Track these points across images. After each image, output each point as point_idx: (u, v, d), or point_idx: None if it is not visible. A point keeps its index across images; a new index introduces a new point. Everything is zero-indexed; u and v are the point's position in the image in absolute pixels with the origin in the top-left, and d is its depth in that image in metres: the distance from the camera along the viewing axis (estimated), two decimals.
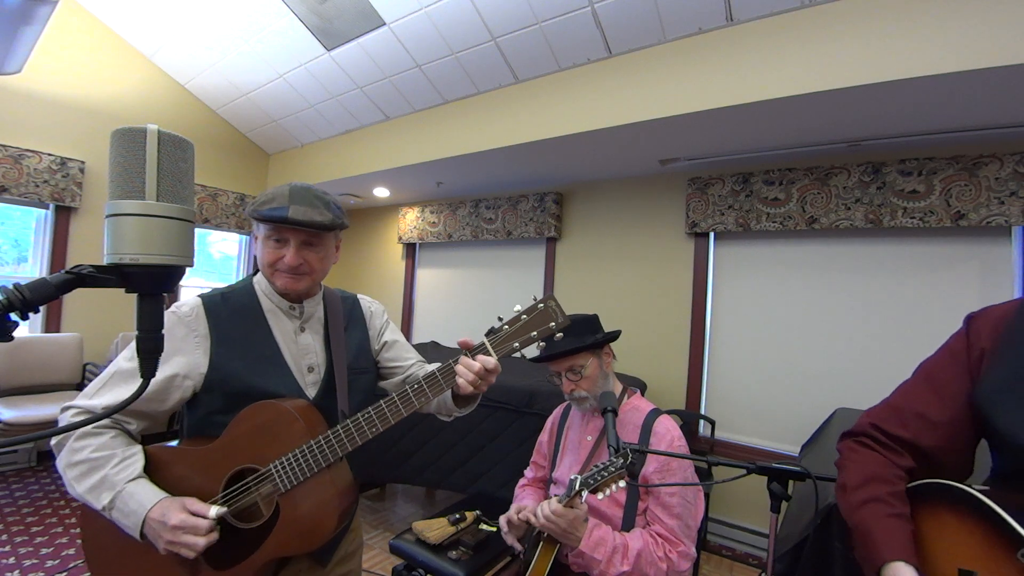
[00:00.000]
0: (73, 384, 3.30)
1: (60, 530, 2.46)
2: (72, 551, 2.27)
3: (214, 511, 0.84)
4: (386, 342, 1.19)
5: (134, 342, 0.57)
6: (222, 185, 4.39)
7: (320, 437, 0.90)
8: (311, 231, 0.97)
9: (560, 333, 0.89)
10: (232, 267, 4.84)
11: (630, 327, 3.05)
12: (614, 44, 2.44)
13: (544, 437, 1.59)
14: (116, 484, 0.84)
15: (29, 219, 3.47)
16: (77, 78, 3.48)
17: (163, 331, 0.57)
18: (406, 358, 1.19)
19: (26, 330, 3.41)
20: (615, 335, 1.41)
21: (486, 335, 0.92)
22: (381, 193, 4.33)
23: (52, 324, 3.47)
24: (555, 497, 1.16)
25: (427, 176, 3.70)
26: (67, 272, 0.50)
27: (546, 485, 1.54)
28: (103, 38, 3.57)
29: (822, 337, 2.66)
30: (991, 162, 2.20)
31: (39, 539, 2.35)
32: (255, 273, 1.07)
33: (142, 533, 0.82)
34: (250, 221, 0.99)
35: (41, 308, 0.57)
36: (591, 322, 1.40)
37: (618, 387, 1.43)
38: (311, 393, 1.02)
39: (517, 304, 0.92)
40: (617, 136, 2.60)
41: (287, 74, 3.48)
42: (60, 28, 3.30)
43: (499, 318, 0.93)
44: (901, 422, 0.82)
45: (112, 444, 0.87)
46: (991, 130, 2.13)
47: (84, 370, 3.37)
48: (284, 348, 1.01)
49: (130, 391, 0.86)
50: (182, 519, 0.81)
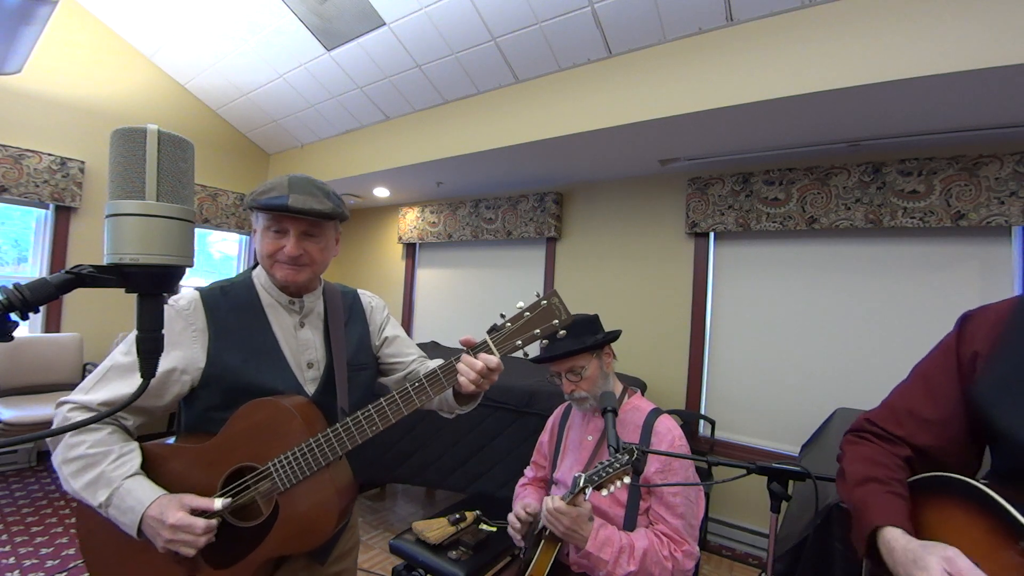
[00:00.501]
0: (73, 384, 3.28)
1: (60, 530, 2.46)
2: (72, 551, 2.27)
3: (219, 503, 0.83)
4: (387, 338, 1.17)
5: (131, 336, 0.56)
6: (222, 185, 4.39)
7: (319, 435, 0.89)
8: (311, 220, 0.95)
9: (564, 330, 0.88)
10: (232, 267, 4.84)
11: (630, 327, 3.05)
12: (614, 44, 2.44)
13: (545, 437, 1.59)
14: (113, 481, 0.82)
15: (29, 219, 3.47)
16: (77, 78, 3.48)
17: (163, 331, 0.57)
18: (407, 354, 1.18)
19: (26, 330, 3.41)
20: (615, 335, 1.41)
21: (488, 332, 0.91)
22: (381, 193, 4.33)
23: (52, 324, 3.47)
24: (558, 496, 1.16)
25: (427, 176, 3.70)
26: (67, 272, 0.50)
27: (547, 485, 1.54)
28: (103, 38, 3.57)
29: (822, 337, 2.66)
30: (991, 162, 2.20)
31: (39, 539, 2.36)
32: (254, 267, 1.06)
33: (140, 531, 0.81)
34: (249, 218, 0.98)
35: (41, 308, 0.57)
36: (592, 323, 1.40)
37: (618, 387, 1.43)
38: (310, 389, 1.01)
39: (520, 301, 0.90)
40: (617, 136, 2.59)
41: (287, 74, 3.48)
42: (60, 28, 3.29)
43: (501, 315, 0.91)
44: (896, 421, 0.83)
45: (109, 440, 0.86)
46: (991, 130, 2.13)
47: (84, 370, 3.37)
48: (283, 343, 1.00)
49: (126, 386, 0.87)
50: (180, 518, 0.80)
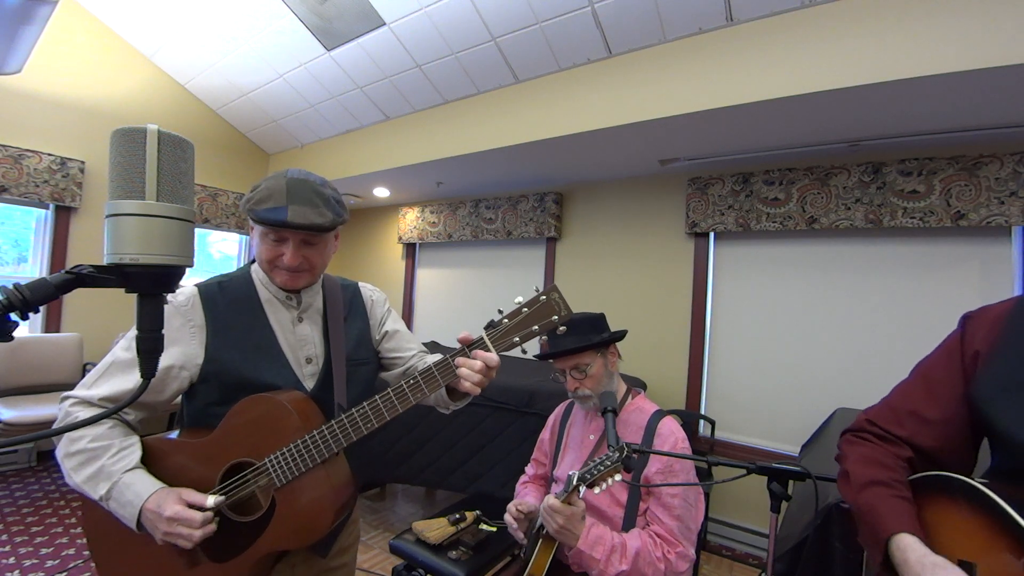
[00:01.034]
0: (73, 384, 3.25)
1: (60, 530, 2.46)
2: (72, 551, 2.27)
3: (211, 500, 0.84)
4: (387, 332, 1.16)
5: (132, 331, 0.56)
6: (222, 185, 4.39)
7: (315, 432, 0.89)
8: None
9: (563, 327, 0.86)
10: (232, 267, 4.84)
11: (630, 327, 3.02)
12: (614, 44, 2.44)
13: (545, 435, 1.59)
14: (113, 474, 0.83)
15: (29, 219, 3.47)
16: (77, 78, 3.48)
17: (163, 330, 0.57)
18: (407, 348, 1.17)
19: (26, 330, 3.41)
20: (621, 335, 1.41)
21: (485, 329, 0.89)
22: (381, 193, 4.33)
23: (52, 324, 3.47)
24: (555, 494, 1.16)
25: (427, 176, 3.70)
26: (67, 272, 0.50)
27: (547, 483, 1.54)
28: (103, 38, 3.57)
29: (822, 337, 2.66)
30: (991, 162, 2.20)
31: (39, 539, 2.35)
32: (253, 261, 1.05)
33: (139, 523, 0.82)
34: (243, 214, 0.96)
35: (41, 308, 0.57)
36: (597, 321, 1.40)
37: (622, 387, 1.43)
38: (309, 385, 1.01)
39: (519, 296, 0.89)
40: (617, 136, 2.59)
41: (287, 74, 3.48)
42: (60, 28, 3.29)
43: (499, 311, 0.89)
44: (897, 420, 0.83)
45: (110, 434, 0.87)
46: (991, 130, 2.13)
47: (84, 370, 3.37)
48: (281, 339, 1.00)
49: (127, 381, 0.88)
50: (177, 511, 0.80)
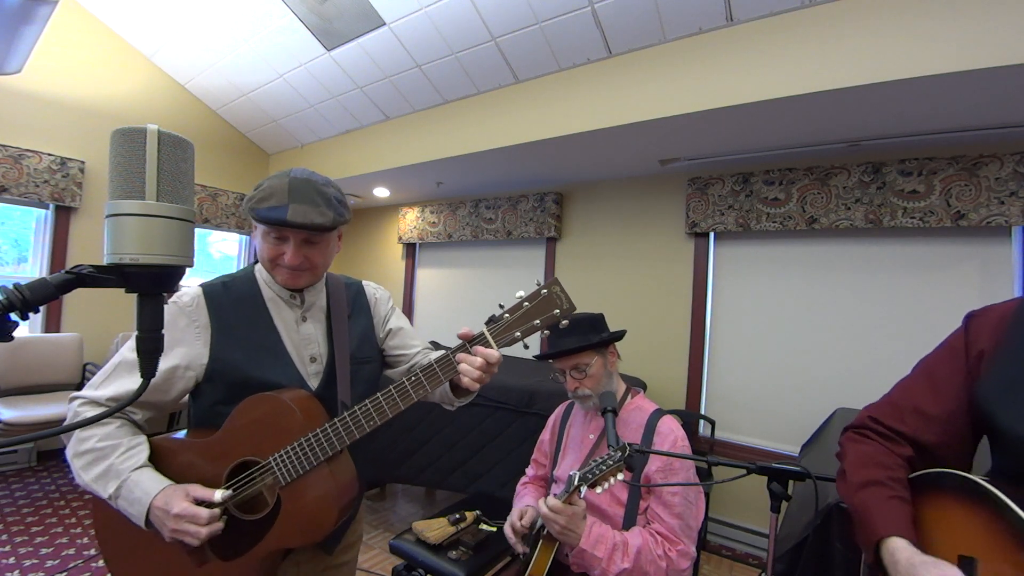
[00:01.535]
0: (73, 384, 3.30)
1: (60, 530, 2.46)
2: (72, 551, 2.28)
3: (219, 495, 0.84)
4: (391, 329, 1.17)
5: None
6: (222, 185, 4.39)
7: (318, 430, 0.89)
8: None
9: (565, 320, 0.85)
10: (232, 267, 4.84)
11: (630, 327, 3.02)
12: (614, 44, 2.44)
13: (545, 435, 1.59)
14: (121, 473, 0.84)
15: (29, 219, 3.47)
16: (77, 78, 3.48)
17: (163, 330, 0.57)
18: (411, 346, 1.17)
19: (26, 330, 3.40)
20: (621, 335, 1.41)
21: (486, 324, 0.89)
22: (381, 193, 4.33)
23: (52, 324, 3.47)
24: (555, 495, 1.17)
25: (427, 176, 3.70)
26: (67, 272, 0.50)
27: (547, 483, 1.54)
28: (103, 38, 3.57)
29: (822, 337, 2.66)
30: (991, 162, 2.20)
31: (39, 539, 2.36)
32: (256, 261, 1.05)
33: (148, 521, 0.83)
34: (248, 218, 0.97)
35: (41, 308, 0.57)
36: (597, 321, 1.40)
37: (621, 387, 1.43)
38: (313, 384, 1.01)
39: (520, 290, 0.88)
40: (617, 136, 2.59)
41: (287, 74, 3.48)
42: (60, 28, 3.29)
43: (500, 305, 0.89)
44: (899, 417, 0.83)
45: (117, 434, 0.88)
46: (991, 130, 2.13)
47: (84, 370, 3.37)
48: (286, 338, 1.00)
49: (133, 382, 0.88)
50: (184, 508, 0.81)
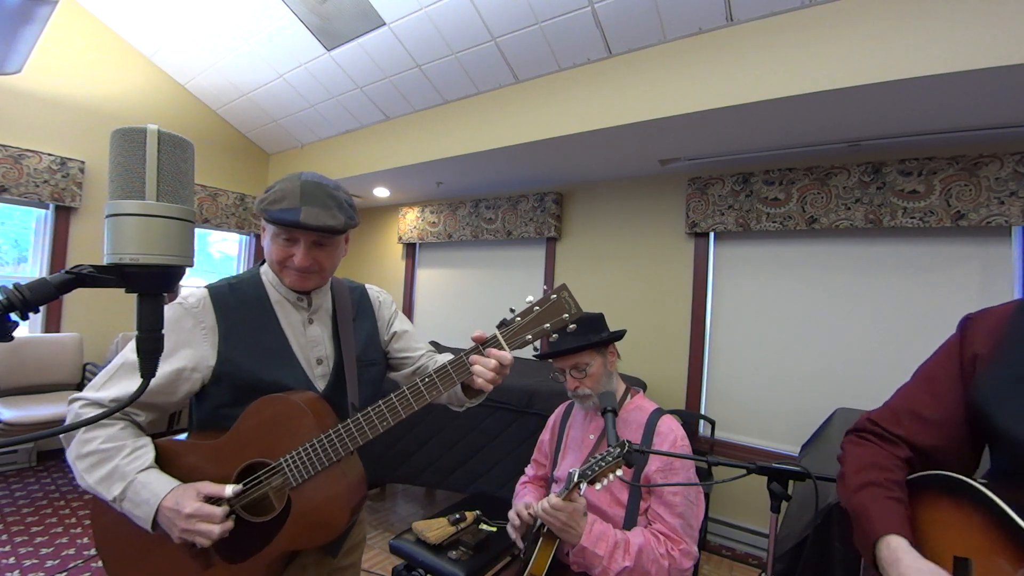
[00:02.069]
0: (73, 384, 3.30)
1: (60, 530, 2.46)
2: (72, 551, 2.27)
3: (229, 489, 0.84)
4: (395, 332, 1.17)
5: None
6: (222, 185, 4.39)
7: (331, 431, 0.89)
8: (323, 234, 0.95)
9: (573, 324, 0.88)
10: (232, 267, 4.84)
11: (630, 327, 3.02)
12: (614, 44, 2.44)
13: (545, 436, 1.59)
14: (127, 475, 0.83)
15: (29, 219, 3.47)
16: (77, 78, 3.48)
17: (164, 330, 0.57)
18: (416, 348, 1.18)
19: (26, 330, 3.41)
20: (621, 334, 1.42)
21: (498, 327, 0.90)
22: (381, 193, 4.33)
23: (52, 324, 3.47)
24: (555, 494, 1.17)
25: (427, 176, 3.70)
26: (67, 272, 0.50)
27: (547, 484, 1.54)
28: (103, 38, 3.57)
29: (822, 337, 2.66)
30: (991, 162, 2.20)
31: (39, 539, 2.35)
32: (262, 263, 1.05)
33: (155, 523, 0.82)
34: (252, 218, 0.96)
35: (41, 308, 0.57)
36: (597, 321, 1.40)
37: (621, 387, 1.43)
38: (320, 386, 1.01)
39: (529, 296, 0.91)
40: (617, 136, 2.60)
41: (287, 74, 3.48)
42: (60, 28, 3.29)
43: (511, 310, 0.91)
44: (897, 421, 0.84)
45: (122, 435, 0.87)
46: (991, 130, 2.13)
47: (84, 370, 3.37)
48: (293, 340, 1.00)
49: (136, 383, 0.87)
50: (197, 507, 0.80)
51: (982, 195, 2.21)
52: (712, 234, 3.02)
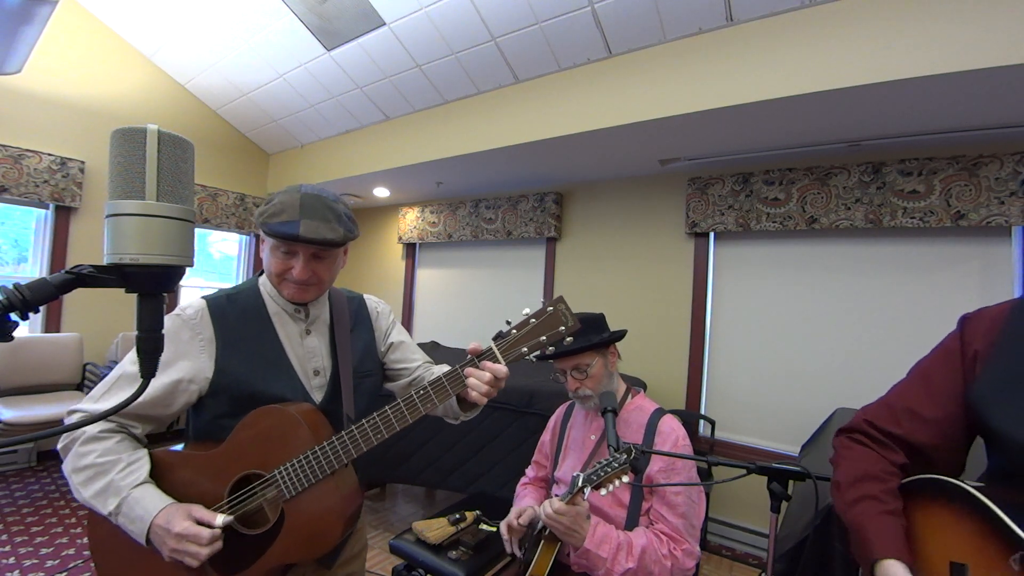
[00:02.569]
0: (73, 384, 3.30)
1: (60, 530, 2.46)
2: (72, 551, 2.27)
3: (220, 519, 0.83)
4: (392, 343, 1.17)
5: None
6: (222, 185, 4.39)
7: (325, 443, 0.88)
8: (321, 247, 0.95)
9: (570, 337, 0.88)
10: (232, 267, 4.84)
11: (630, 327, 3.02)
12: (614, 44, 2.44)
13: (546, 436, 1.59)
14: (122, 490, 0.83)
15: (29, 219, 3.47)
16: (77, 78, 3.48)
17: (163, 331, 0.57)
18: (413, 359, 1.18)
19: (26, 330, 3.40)
20: (621, 335, 1.41)
21: (494, 339, 0.90)
22: (381, 193, 4.33)
23: (52, 324, 3.47)
24: (556, 497, 1.16)
25: (427, 176, 3.70)
26: (67, 272, 0.50)
27: (547, 484, 1.54)
28: (103, 38, 3.57)
29: (822, 337, 2.66)
30: (991, 162, 2.20)
31: (39, 539, 2.35)
32: (260, 274, 1.05)
33: (148, 539, 0.82)
34: (252, 220, 0.97)
35: (41, 308, 0.57)
36: (597, 321, 1.40)
37: (622, 387, 1.43)
38: (317, 397, 1.01)
39: (526, 307, 0.90)
40: (617, 136, 2.59)
41: (287, 74, 3.48)
42: (60, 28, 3.29)
43: (507, 322, 0.91)
44: (893, 419, 0.83)
45: (117, 449, 0.86)
46: (991, 130, 2.13)
47: (84, 370, 3.37)
48: (290, 351, 1.00)
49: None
50: (185, 527, 0.80)
51: (982, 195, 2.21)
52: (712, 234, 3.02)
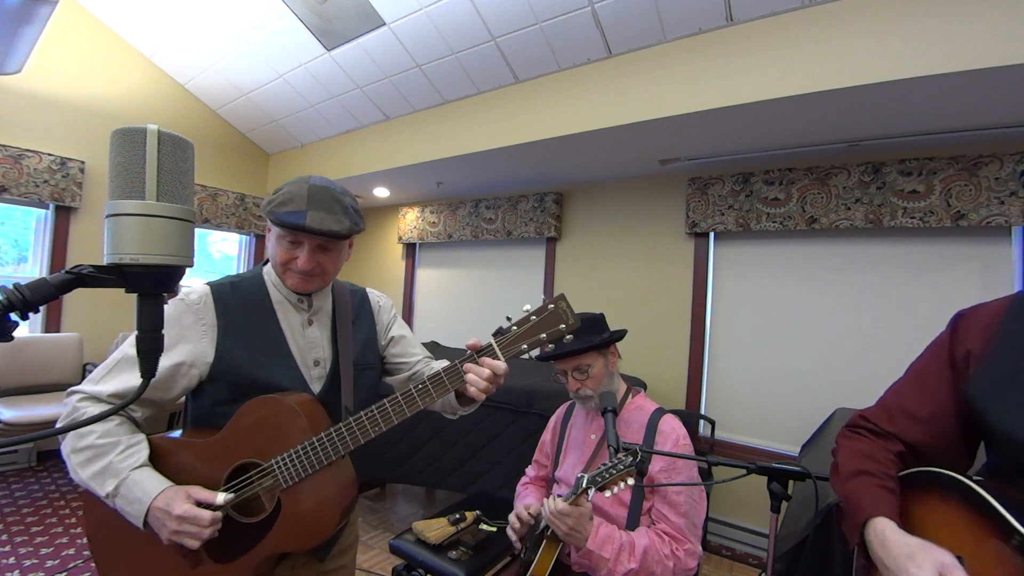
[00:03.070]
0: (73, 384, 3.29)
1: (60, 530, 2.46)
2: (72, 551, 2.27)
3: (221, 497, 0.84)
4: (393, 337, 1.17)
5: None
6: (222, 185, 4.39)
7: (323, 434, 0.89)
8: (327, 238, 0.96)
9: (571, 335, 0.88)
10: (232, 267, 4.83)
11: (630, 327, 3.02)
12: (614, 44, 2.44)
13: (547, 436, 1.59)
14: (121, 471, 0.83)
15: (29, 219, 3.47)
16: (77, 78, 3.48)
17: (166, 328, 0.57)
18: (413, 354, 1.18)
19: (26, 330, 3.40)
20: (622, 335, 1.41)
21: (494, 336, 0.90)
22: (381, 193, 4.33)
23: (52, 324, 3.47)
24: (559, 496, 1.16)
25: (427, 176, 3.70)
26: (67, 272, 0.50)
27: (548, 484, 1.54)
28: (103, 38, 3.57)
29: (822, 337, 2.66)
30: (991, 162, 2.20)
31: (39, 539, 2.35)
32: (266, 262, 1.05)
33: (146, 522, 0.82)
34: (254, 217, 0.97)
35: (41, 308, 0.57)
36: (598, 322, 1.40)
37: (622, 387, 1.43)
38: (316, 387, 1.01)
39: (527, 304, 0.90)
40: (617, 136, 2.59)
41: (287, 74, 3.48)
42: (60, 28, 3.29)
43: (508, 318, 0.90)
44: (888, 418, 0.84)
45: (117, 431, 0.87)
46: (991, 130, 2.12)
47: (84, 370, 3.37)
48: (291, 341, 1.01)
49: (136, 378, 0.86)
50: (186, 509, 0.80)
51: (982, 195, 2.21)
52: (712, 234, 3.02)
